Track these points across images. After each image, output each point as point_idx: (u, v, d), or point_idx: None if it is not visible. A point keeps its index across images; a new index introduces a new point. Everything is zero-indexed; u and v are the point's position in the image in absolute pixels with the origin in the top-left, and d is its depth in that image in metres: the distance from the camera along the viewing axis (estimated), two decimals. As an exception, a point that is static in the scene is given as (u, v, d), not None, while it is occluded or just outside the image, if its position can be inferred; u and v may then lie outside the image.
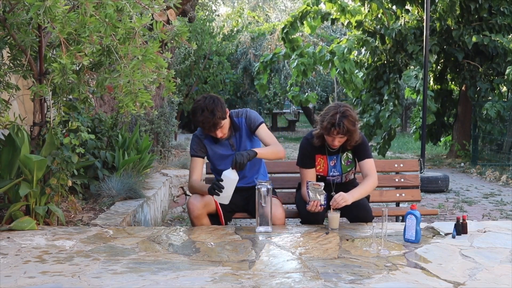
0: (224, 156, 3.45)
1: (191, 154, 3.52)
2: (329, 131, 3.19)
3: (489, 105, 9.62)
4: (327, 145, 3.40)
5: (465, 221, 3.07)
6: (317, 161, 3.44)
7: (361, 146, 3.39)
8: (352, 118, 3.20)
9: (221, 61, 14.54)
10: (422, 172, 7.55)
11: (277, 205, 3.39)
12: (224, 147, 3.45)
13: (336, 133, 3.19)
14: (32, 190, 3.20)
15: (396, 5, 11.07)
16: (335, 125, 3.16)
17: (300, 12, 11.70)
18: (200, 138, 3.47)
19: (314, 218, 3.29)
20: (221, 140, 3.42)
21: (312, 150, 3.42)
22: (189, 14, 7.94)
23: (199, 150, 3.47)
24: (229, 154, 3.42)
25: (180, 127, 13.96)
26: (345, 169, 3.49)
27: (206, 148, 3.48)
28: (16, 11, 3.01)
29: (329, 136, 3.25)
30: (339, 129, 3.16)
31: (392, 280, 2.25)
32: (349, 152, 3.47)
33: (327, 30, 20.84)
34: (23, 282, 2.18)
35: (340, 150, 3.44)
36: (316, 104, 23.04)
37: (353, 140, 3.29)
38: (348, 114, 3.19)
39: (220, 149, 3.46)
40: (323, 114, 3.27)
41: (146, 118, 6.87)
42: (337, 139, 3.25)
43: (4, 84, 3.41)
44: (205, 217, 3.34)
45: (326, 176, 3.47)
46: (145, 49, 2.87)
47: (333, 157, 3.45)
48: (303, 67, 11.85)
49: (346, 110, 3.21)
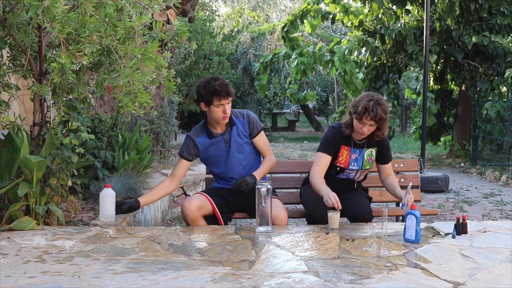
0: (217, 156, 3.44)
1: (179, 153, 3.51)
2: (363, 116, 3.24)
3: (489, 105, 9.63)
4: (353, 137, 3.44)
5: (465, 221, 3.07)
6: (340, 151, 3.46)
7: (388, 151, 3.56)
8: (385, 107, 3.28)
9: (221, 61, 14.55)
10: (422, 172, 7.55)
11: (280, 206, 3.39)
12: (217, 145, 3.44)
13: (369, 119, 3.24)
14: (32, 190, 3.20)
15: (396, 5, 11.07)
16: (369, 111, 3.22)
17: (301, 11, 11.71)
18: (193, 138, 3.45)
19: (320, 215, 3.28)
20: (217, 135, 3.42)
21: (338, 139, 3.45)
22: (189, 14, 7.95)
23: (187, 152, 3.45)
24: (222, 153, 3.43)
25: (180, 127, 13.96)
26: (366, 165, 3.51)
27: (198, 150, 3.45)
28: (16, 11, 3.01)
29: (360, 123, 3.28)
30: (373, 115, 3.22)
31: (392, 280, 2.25)
32: (374, 149, 3.50)
33: (327, 30, 20.84)
34: (23, 282, 2.18)
35: (365, 145, 3.47)
36: (316, 104, 23.07)
37: (383, 130, 3.36)
38: (382, 103, 3.28)
39: (214, 147, 3.44)
40: (357, 101, 3.31)
41: (146, 118, 6.87)
42: (367, 126, 3.28)
43: (3, 84, 3.41)
44: (200, 219, 3.34)
45: (346, 169, 3.49)
46: (144, 48, 2.87)
47: (356, 150, 3.47)
48: (303, 66, 11.86)
49: (380, 98, 3.30)
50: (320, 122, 23.04)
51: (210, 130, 3.44)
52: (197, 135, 3.46)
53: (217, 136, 3.43)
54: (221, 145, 3.44)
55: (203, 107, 3.34)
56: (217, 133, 3.44)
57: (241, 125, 3.45)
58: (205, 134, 3.45)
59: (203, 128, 3.48)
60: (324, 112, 24.37)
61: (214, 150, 3.45)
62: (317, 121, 22.88)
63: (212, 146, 3.44)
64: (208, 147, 3.45)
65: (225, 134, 3.43)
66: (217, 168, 3.50)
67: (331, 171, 3.48)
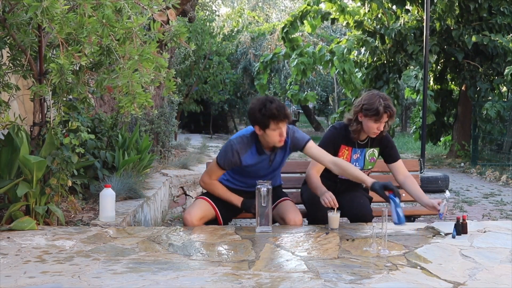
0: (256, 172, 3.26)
1: (218, 163, 3.23)
2: (383, 115, 3.28)
3: (489, 105, 9.62)
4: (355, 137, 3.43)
5: (465, 221, 3.07)
6: (341, 151, 3.46)
7: (393, 149, 3.53)
8: (390, 101, 3.38)
9: (221, 61, 14.56)
10: (422, 172, 7.56)
11: (295, 210, 3.33)
12: (262, 163, 3.25)
13: (387, 117, 3.30)
14: (31, 190, 3.20)
15: (396, 5, 11.07)
16: (386, 109, 3.28)
17: (300, 12, 11.72)
18: (239, 153, 3.17)
19: (322, 215, 3.28)
20: (266, 153, 3.22)
21: (339, 139, 3.45)
22: (189, 14, 7.95)
23: (229, 165, 3.22)
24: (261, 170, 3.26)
25: (180, 127, 13.96)
26: (367, 165, 3.51)
27: (240, 163, 3.20)
28: (16, 11, 3.00)
29: (377, 123, 3.29)
30: (390, 112, 3.29)
31: (392, 280, 2.25)
32: (376, 149, 3.50)
33: (327, 30, 20.84)
34: (23, 282, 2.18)
35: (368, 145, 3.48)
36: (316, 104, 23.06)
37: (389, 125, 3.42)
38: (388, 98, 3.36)
39: (257, 165, 3.24)
40: (367, 103, 3.30)
41: (146, 118, 6.87)
42: (381, 124, 3.32)
43: (3, 84, 3.41)
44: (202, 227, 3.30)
45: None
46: (142, 49, 2.86)
47: (358, 150, 3.47)
48: (303, 67, 11.86)
49: (383, 94, 3.37)
50: (320, 122, 23.05)
51: (261, 147, 3.20)
52: (245, 149, 3.19)
53: (266, 153, 3.24)
54: (265, 163, 3.27)
55: (257, 131, 3.11)
56: (266, 152, 3.23)
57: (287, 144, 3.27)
58: (254, 149, 3.20)
59: (252, 142, 3.20)
60: (324, 112, 24.39)
61: (256, 167, 3.26)
62: (317, 121, 22.90)
63: (257, 161, 3.24)
64: (253, 161, 3.23)
65: (272, 153, 3.25)
66: (244, 178, 3.35)
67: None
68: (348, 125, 3.44)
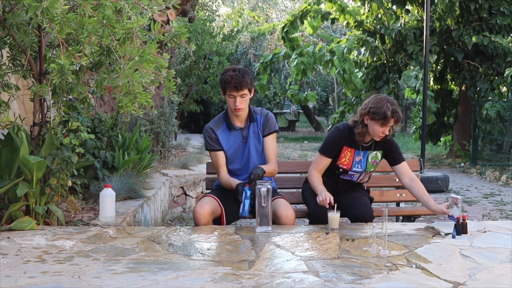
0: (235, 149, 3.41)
1: (207, 149, 3.46)
2: (390, 119, 3.28)
3: (489, 105, 9.63)
4: (359, 140, 3.42)
5: (465, 221, 3.07)
6: (343, 153, 3.45)
7: (397, 150, 3.51)
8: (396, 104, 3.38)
9: (221, 61, 14.54)
10: (422, 172, 7.55)
11: (287, 205, 3.37)
12: (236, 138, 3.42)
13: (393, 122, 3.31)
14: (31, 190, 3.20)
15: (396, 5, 11.07)
16: (393, 113, 3.28)
17: (301, 11, 11.72)
18: (212, 129, 3.41)
19: (323, 214, 3.28)
20: (236, 128, 3.40)
21: (341, 141, 3.44)
22: (189, 14, 7.96)
23: (214, 142, 3.41)
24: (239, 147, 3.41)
25: (180, 127, 13.96)
26: (369, 167, 3.51)
27: (220, 141, 3.41)
28: (16, 11, 3.00)
29: (383, 126, 3.29)
30: (397, 116, 3.29)
31: (392, 280, 2.25)
32: (379, 152, 3.49)
33: (327, 30, 20.84)
34: (23, 282, 2.18)
35: (371, 148, 3.47)
36: (316, 104, 23.06)
37: (393, 129, 3.44)
38: (396, 103, 3.37)
39: (233, 139, 3.41)
40: (374, 107, 3.30)
41: (146, 118, 6.87)
42: (387, 128, 3.33)
43: (3, 84, 3.41)
44: (211, 224, 3.31)
45: (349, 170, 3.48)
46: (142, 50, 2.86)
47: (360, 153, 3.46)
48: (303, 66, 11.86)
49: (392, 100, 3.36)
50: (320, 122, 23.04)
51: (230, 121, 3.42)
52: (217, 126, 3.43)
53: (236, 128, 3.42)
54: (239, 139, 3.42)
55: (222, 94, 3.37)
56: (236, 126, 3.42)
57: (259, 122, 3.44)
58: (225, 125, 3.43)
59: (223, 119, 3.45)
60: (324, 112, 24.38)
61: (232, 141, 3.42)
62: (317, 121, 22.89)
63: (231, 138, 3.42)
64: (228, 138, 3.42)
65: (244, 129, 3.42)
66: (233, 164, 3.45)
67: (335, 171, 3.49)
68: (352, 127, 3.42)
